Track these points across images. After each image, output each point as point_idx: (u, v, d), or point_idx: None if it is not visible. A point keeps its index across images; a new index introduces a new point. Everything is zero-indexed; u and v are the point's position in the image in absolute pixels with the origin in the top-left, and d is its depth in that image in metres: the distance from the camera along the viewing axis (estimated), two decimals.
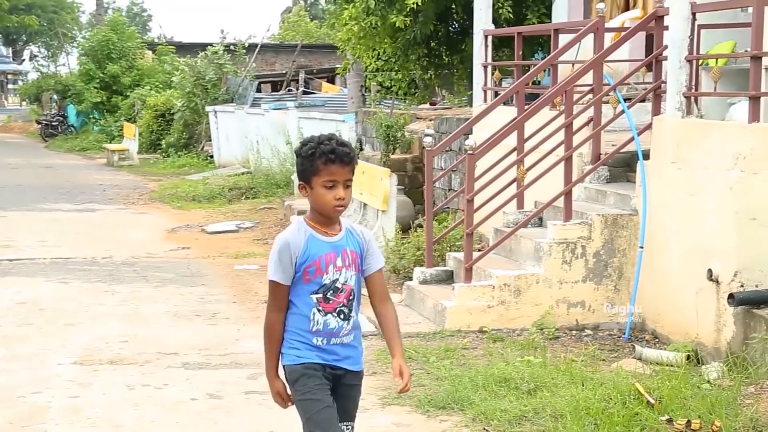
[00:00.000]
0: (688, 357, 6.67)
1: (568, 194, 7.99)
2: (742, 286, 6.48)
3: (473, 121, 9.50)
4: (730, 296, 6.42)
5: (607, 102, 8.58)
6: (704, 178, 6.86)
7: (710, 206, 6.77)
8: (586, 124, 8.56)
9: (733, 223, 6.54)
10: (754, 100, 6.59)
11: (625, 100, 8.56)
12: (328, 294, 3.67)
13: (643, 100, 8.77)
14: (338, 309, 3.68)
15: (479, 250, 8.63)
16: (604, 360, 6.86)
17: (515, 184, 8.61)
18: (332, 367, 3.72)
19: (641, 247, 7.61)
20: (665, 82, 7.70)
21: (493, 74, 11.18)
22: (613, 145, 8.52)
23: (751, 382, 6.01)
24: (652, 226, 7.54)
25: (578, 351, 7.05)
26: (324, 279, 3.66)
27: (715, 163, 6.77)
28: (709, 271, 6.66)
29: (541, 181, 8.33)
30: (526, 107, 8.95)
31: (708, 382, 6.06)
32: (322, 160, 3.58)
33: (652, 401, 5.54)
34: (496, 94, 10.60)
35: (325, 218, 3.68)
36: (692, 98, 7.37)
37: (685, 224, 7.09)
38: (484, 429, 5.48)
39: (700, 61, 7.69)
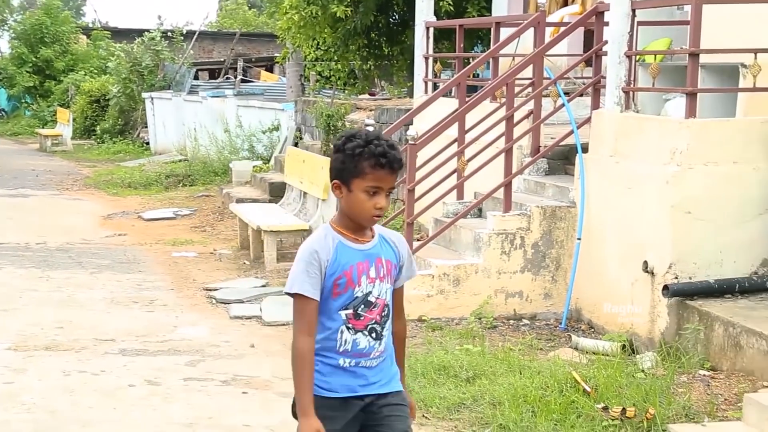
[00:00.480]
0: (623, 347, 6.79)
1: (507, 186, 8.07)
2: (676, 277, 6.61)
3: (414, 111, 9.52)
4: (665, 288, 6.55)
5: (548, 95, 8.67)
6: (641, 172, 6.98)
7: (647, 199, 6.88)
8: (526, 116, 8.64)
9: (669, 217, 6.66)
10: (691, 96, 6.70)
11: (564, 93, 8.67)
12: (359, 309, 3.19)
13: (581, 94, 8.89)
14: (370, 326, 3.21)
15: (419, 240, 8.68)
16: (541, 349, 6.95)
17: (456, 174, 8.66)
18: (357, 397, 3.22)
19: (579, 239, 7.72)
20: (604, 77, 7.82)
21: (434, 66, 11.24)
22: (552, 138, 8.62)
23: (683, 371, 6.14)
24: (589, 218, 7.65)
25: (516, 340, 7.13)
26: (356, 291, 3.18)
27: (652, 157, 6.89)
28: (645, 263, 6.78)
29: (482, 172, 8.40)
30: (467, 99, 9.01)
31: (642, 371, 6.17)
32: (371, 163, 3.09)
33: (588, 389, 5.64)
34: (436, 85, 10.66)
35: (356, 224, 3.21)
36: (630, 93, 7.49)
37: (622, 217, 7.21)
38: (423, 416, 5.52)
39: (637, 57, 7.81)
